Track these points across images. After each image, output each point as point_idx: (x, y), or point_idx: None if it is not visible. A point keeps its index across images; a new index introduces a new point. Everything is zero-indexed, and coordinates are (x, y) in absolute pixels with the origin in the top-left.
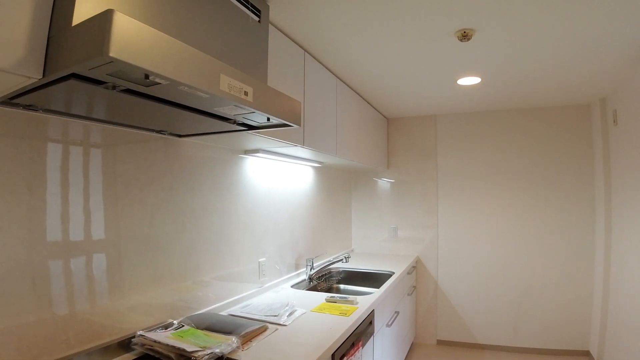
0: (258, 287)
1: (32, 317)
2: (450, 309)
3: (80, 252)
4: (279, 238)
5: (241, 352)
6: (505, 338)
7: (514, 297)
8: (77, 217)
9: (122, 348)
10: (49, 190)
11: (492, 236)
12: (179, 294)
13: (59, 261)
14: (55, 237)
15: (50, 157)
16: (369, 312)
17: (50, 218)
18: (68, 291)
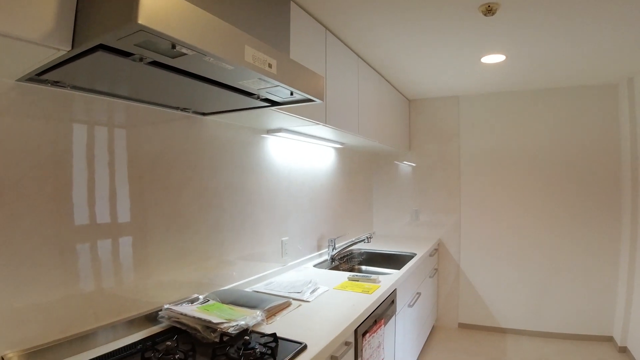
0: (281, 266)
1: (61, 291)
2: (472, 292)
3: (106, 228)
4: (301, 219)
5: (266, 325)
6: (527, 322)
7: (538, 281)
8: (102, 194)
9: (149, 321)
10: (75, 167)
11: (516, 220)
12: (204, 271)
13: (85, 238)
14: (81, 213)
15: (76, 136)
16: (391, 291)
17: (76, 195)
18: (95, 267)
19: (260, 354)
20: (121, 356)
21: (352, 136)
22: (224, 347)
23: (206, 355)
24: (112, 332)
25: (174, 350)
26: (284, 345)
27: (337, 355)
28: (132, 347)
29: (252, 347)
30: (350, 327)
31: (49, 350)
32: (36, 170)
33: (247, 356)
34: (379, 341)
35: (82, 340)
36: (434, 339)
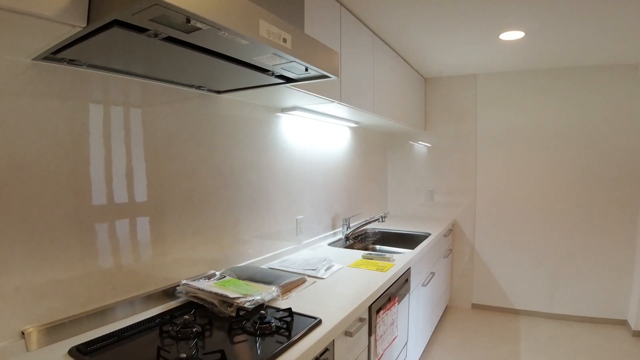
0: (295, 244)
1: (80, 268)
2: (487, 273)
3: (123, 207)
4: (316, 198)
5: (281, 300)
6: (541, 304)
7: (553, 263)
8: (119, 172)
9: (167, 296)
10: (92, 146)
11: (532, 202)
12: (220, 249)
13: (103, 216)
14: (99, 192)
15: (92, 115)
16: (405, 270)
17: (94, 172)
18: (113, 245)
19: (276, 328)
20: (140, 330)
21: (367, 115)
22: (240, 321)
23: (223, 329)
24: (130, 307)
25: (191, 324)
26: (299, 320)
27: (352, 331)
28: (151, 321)
29: (268, 321)
30: (365, 303)
31: (69, 325)
32: (54, 148)
33: (263, 330)
34: (393, 319)
35: (101, 314)
36: (447, 318)
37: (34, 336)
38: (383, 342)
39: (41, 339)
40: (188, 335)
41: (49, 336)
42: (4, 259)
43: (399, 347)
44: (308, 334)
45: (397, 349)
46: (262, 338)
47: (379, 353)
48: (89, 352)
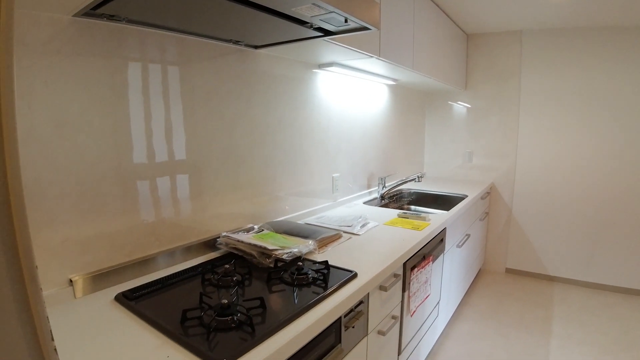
0: (331, 202)
1: (124, 221)
2: (523, 238)
3: (163, 163)
4: (352, 156)
5: (317, 254)
6: (576, 272)
7: (591, 231)
8: (158, 128)
9: (208, 247)
10: (131, 102)
11: (575, 167)
12: (258, 206)
13: (145, 173)
14: (140, 147)
15: (131, 71)
16: (440, 229)
17: (134, 128)
18: (154, 201)
19: (312, 279)
20: (183, 278)
21: (406, 72)
22: (278, 272)
23: (261, 279)
24: (173, 257)
25: (231, 273)
26: (335, 273)
27: (386, 286)
28: (193, 270)
29: (305, 272)
30: (400, 260)
31: (114, 273)
32: (97, 104)
33: (300, 280)
34: (427, 277)
35: (144, 264)
36: (480, 282)
37: (81, 284)
38: (416, 299)
39: (87, 286)
40: (228, 284)
41: (95, 284)
42: (53, 212)
43: (431, 306)
44: (344, 286)
45: (430, 307)
46: (299, 288)
47: (411, 309)
48: (135, 298)
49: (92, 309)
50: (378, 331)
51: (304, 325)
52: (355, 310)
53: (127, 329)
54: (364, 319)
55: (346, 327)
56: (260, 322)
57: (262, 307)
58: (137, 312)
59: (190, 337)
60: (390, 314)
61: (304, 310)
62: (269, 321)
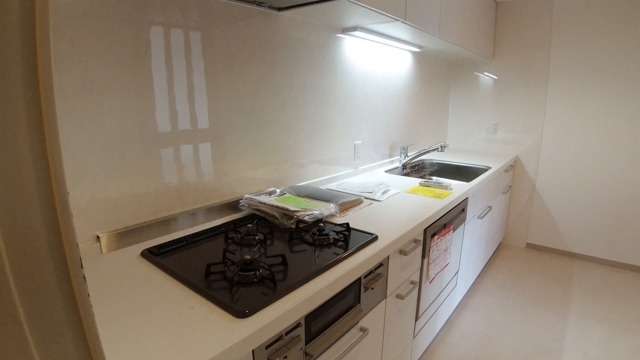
0: (352, 169)
1: (148, 182)
2: (545, 213)
3: (186, 130)
4: (374, 124)
5: (338, 217)
6: (598, 250)
7: (615, 210)
8: (181, 86)
9: (230, 209)
10: (153, 64)
11: (603, 144)
12: (280, 171)
13: (167, 132)
14: (163, 109)
15: (154, 35)
16: (462, 199)
17: (157, 90)
18: (177, 163)
19: (333, 240)
20: (206, 236)
21: (432, 38)
22: (299, 232)
23: (283, 239)
24: (196, 217)
25: (254, 232)
26: (356, 235)
27: (406, 250)
28: (217, 229)
29: (326, 233)
30: (420, 225)
31: (139, 231)
32: (122, 63)
33: (321, 241)
34: (447, 245)
35: (169, 222)
36: (499, 255)
37: (108, 240)
38: (435, 266)
39: (114, 243)
40: (251, 242)
41: (121, 241)
42: (81, 170)
43: (449, 275)
44: (364, 248)
45: (448, 276)
46: (320, 248)
47: (430, 276)
48: (160, 254)
49: (119, 263)
50: (397, 295)
51: (324, 282)
52: (375, 272)
53: (152, 282)
54: (383, 282)
55: (365, 288)
56: (281, 278)
57: (283, 264)
58: (162, 266)
59: (214, 290)
60: (409, 279)
61: (325, 268)
62: (290, 277)
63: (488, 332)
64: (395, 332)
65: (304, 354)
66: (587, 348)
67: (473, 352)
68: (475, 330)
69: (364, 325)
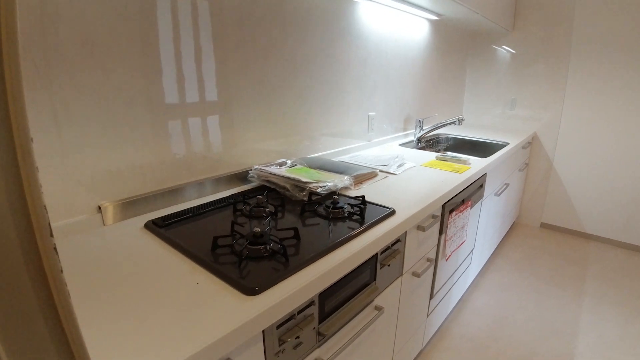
0: (365, 142)
1: (153, 151)
2: (561, 193)
3: (194, 103)
4: (389, 95)
5: (353, 190)
6: (614, 232)
7: (634, 192)
8: (188, 48)
9: (239, 180)
10: (160, 23)
11: (624, 124)
12: (291, 142)
13: (173, 96)
14: (169, 71)
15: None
16: (481, 175)
17: (164, 52)
18: (185, 132)
19: (348, 213)
20: (214, 208)
21: (451, 4)
22: (312, 205)
23: (294, 212)
24: (203, 188)
25: (264, 204)
26: (372, 209)
27: (424, 226)
28: (224, 201)
29: (341, 206)
30: (439, 200)
31: (144, 201)
32: (124, 23)
33: (336, 214)
34: (464, 222)
35: (175, 193)
36: (513, 234)
37: (110, 211)
38: (452, 244)
39: (117, 214)
40: (261, 214)
41: (124, 211)
42: (81, 136)
43: (465, 253)
44: (381, 222)
45: (464, 254)
46: (334, 222)
47: (447, 253)
48: (165, 226)
49: (121, 235)
50: (413, 272)
51: (339, 258)
52: (392, 249)
53: (156, 256)
54: (400, 259)
55: (382, 265)
56: (293, 253)
57: (296, 237)
58: (166, 239)
59: (221, 264)
60: (426, 256)
61: (340, 243)
62: (302, 252)
63: (501, 313)
64: (409, 310)
65: (317, 334)
66: (602, 331)
67: (486, 332)
68: (488, 310)
69: (379, 303)
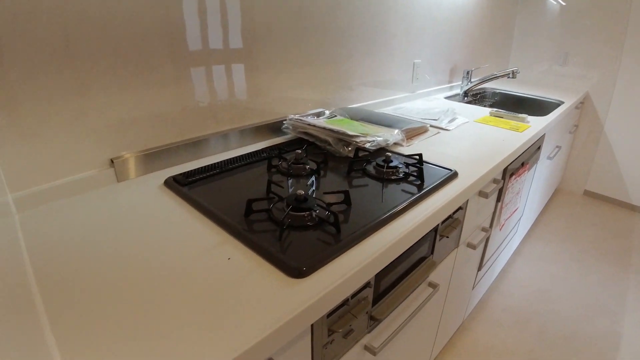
0: (409, 93)
1: (172, 96)
2: (610, 159)
3: (218, 51)
4: (436, 41)
5: (405, 146)
6: None
7: None
8: None
9: (272, 131)
10: None
11: None
12: (330, 89)
13: (194, 26)
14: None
15: None
16: (540, 135)
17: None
18: (209, 80)
19: (404, 174)
20: (244, 163)
21: None
22: (360, 162)
23: (340, 170)
24: (232, 140)
25: (304, 160)
26: (430, 170)
27: (487, 192)
28: (257, 155)
29: (395, 165)
30: (503, 163)
31: (163, 154)
32: None
33: (389, 175)
34: (519, 187)
35: (199, 145)
36: (555, 201)
37: (124, 165)
38: (507, 211)
39: (132, 168)
40: (300, 173)
41: (141, 166)
42: (86, 76)
43: (514, 220)
44: (443, 187)
45: (513, 221)
46: (387, 185)
47: (501, 222)
48: (188, 183)
49: (137, 194)
50: (468, 243)
51: (400, 230)
52: (453, 218)
53: (177, 220)
54: (459, 229)
55: (441, 237)
56: (344, 221)
57: (346, 203)
58: (190, 199)
59: (257, 234)
60: (481, 225)
61: (400, 212)
62: (355, 222)
63: (543, 285)
64: (458, 284)
65: (369, 318)
66: None
67: (528, 305)
68: (530, 281)
69: (433, 279)
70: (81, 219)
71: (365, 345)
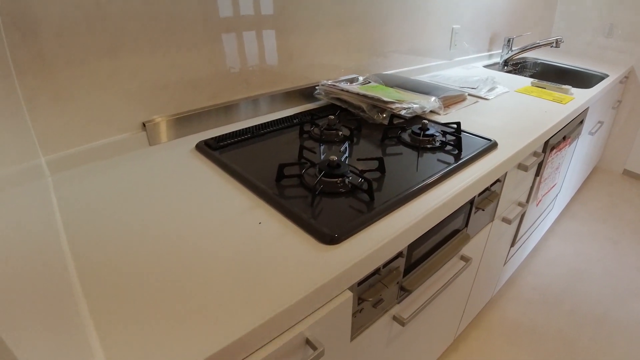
0: (446, 61)
1: (210, 68)
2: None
3: (249, 17)
4: (477, 5)
5: (442, 115)
6: None
7: None
8: None
9: (304, 97)
10: None
11: None
12: (362, 59)
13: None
14: None
15: None
16: (584, 108)
17: None
18: (240, 47)
19: (441, 143)
20: (277, 129)
21: None
22: (395, 130)
23: (373, 138)
24: (263, 105)
25: (337, 126)
26: (468, 139)
27: (527, 165)
28: (288, 121)
29: (432, 134)
30: (544, 135)
31: (195, 118)
32: None
33: (425, 143)
34: (559, 163)
35: (230, 110)
36: (593, 179)
37: (156, 129)
38: (545, 186)
39: (163, 132)
40: (333, 139)
41: (173, 130)
42: (115, 36)
43: (551, 197)
44: (481, 158)
45: (550, 198)
46: (423, 154)
47: (538, 197)
48: (219, 148)
49: (169, 158)
50: (503, 218)
51: (436, 201)
52: (490, 190)
53: (208, 184)
54: (495, 202)
55: (476, 209)
56: (378, 189)
57: (380, 170)
58: (221, 164)
59: (288, 199)
60: (518, 200)
61: (436, 182)
62: (389, 190)
63: (577, 265)
64: (490, 259)
65: (399, 289)
66: None
67: (558, 284)
68: (563, 260)
69: (465, 253)
70: (113, 182)
71: (394, 316)
